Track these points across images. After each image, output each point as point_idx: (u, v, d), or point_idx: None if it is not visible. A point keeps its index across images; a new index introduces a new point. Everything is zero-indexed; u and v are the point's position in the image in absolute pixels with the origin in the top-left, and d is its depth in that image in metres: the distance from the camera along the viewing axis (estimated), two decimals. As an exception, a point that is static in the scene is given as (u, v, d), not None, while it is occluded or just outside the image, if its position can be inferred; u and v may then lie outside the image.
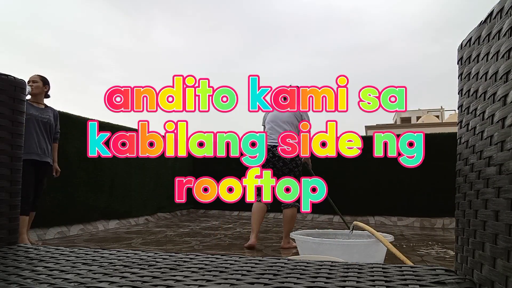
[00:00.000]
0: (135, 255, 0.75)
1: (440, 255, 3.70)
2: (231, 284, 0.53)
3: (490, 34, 0.59)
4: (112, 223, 5.70)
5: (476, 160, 0.62)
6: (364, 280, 0.56)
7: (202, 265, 0.66)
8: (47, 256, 0.75)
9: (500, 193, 0.51)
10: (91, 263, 0.67)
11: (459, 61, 0.76)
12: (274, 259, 0.71)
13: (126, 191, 6.15)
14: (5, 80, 0.92)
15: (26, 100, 1.02)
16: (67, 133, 4.86)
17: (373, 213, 6.95)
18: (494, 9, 0.58)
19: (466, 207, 0.66)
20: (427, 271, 0.62)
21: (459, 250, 0.69)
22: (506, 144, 0.50)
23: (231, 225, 6.15)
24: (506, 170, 0.49)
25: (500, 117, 0.52)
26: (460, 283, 0.56)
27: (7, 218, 0.89)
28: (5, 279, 0.57)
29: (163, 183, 7.22)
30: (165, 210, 7.36)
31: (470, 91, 0.68)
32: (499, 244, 0.50)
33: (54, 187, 4.65)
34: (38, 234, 4.39)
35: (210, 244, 4.23)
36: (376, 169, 7.04)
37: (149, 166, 6.80)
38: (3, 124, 0.90)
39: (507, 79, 0.52)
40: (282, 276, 0.58)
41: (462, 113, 0.71)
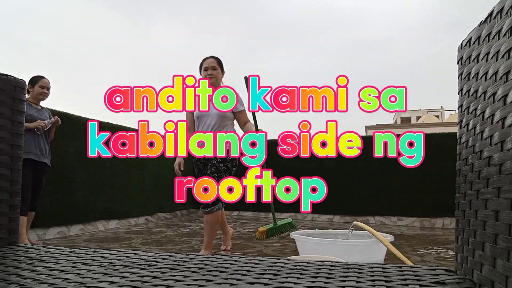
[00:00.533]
0: (135, 255, 0.75)
1: (440, 255, 3.70)
2: (231, 284, 0.53)
3: (490, 34, 0.59)
4: (112, 223, 5.70)
5: (476, 160, 0.62)
6: (364, 280, 0.56)
7: (202, 265, 0.66)
8: (47, 256, 0.75)
9: (500, 193, 0.51)
10: (91, 263, 0.67)
11: (459, 61, 0.76)
12: (274, 259, 0.71)
13: (126, 191, 6.15)
14: (5, 80, 0.92)
15: (25, 100, 1.02)
16: (67, 133, 4.86)
17: (373, 213, 6.95)
18: (494, 9, 0.58)
19: (466, 207, 0.66)
20: (427, 271, 0.62)
21: (459, 250, 0.69)
22: (506, 144, 0.50)
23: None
24: (506, 170, 0.49)
25: (500, 117, 0.52)
26: (460, 283, 0.56)
27: (7, 218, 0.89)
28: (5, 279, 0.57)
29: (163, 183, 7.22)
30: (165, 210, 7.36)
31: (470, 91, 0.68)
32: (499, 244, 0.50)
33: (54, 187, 4.64)
34: (38, 234, 4.39)
35: (210, 244, 4.22)
36: (376, 169, 7.04)
37: (149, 166, 6.79)
38: (3, 124, 0.90)
39: (507, 79, 0.52)
40: (282, 276, 0.58)
41: (462, 113, 0.71)
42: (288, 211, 7.73)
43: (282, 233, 3.72)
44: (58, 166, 4.67)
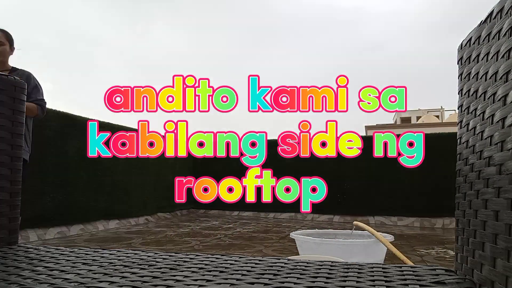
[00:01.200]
0: (135, 255, 0.75)
1: (440, 255, 3.70)
2: (231, 284, 0.53)
3: (490, 34, 0.59)
4: (112, 223, 5.70)
5: (476, 160, 0.62)
6: (364, 280, 0.56)
7: (202, 265, 0.66)
8: (47, 256, 0.75)
9: (500, 193, 0.51)
10: (91, 263, 0.67)
11: (459, 61, 0.76)
12: (274, 259, 0.71)
13: (126, 191, 6.15)
14: (5, 80, 0.92)
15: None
16: (67, 133, 4.86)
17: (373, 213, 6.95)
18: (494, 9, 0.58)
19: (466, 207, 0.66)
20: (427, 271, 0.62)
21: (459, 250, 0.69)
22: (506, 144, 0.50)
23: (231, 225, 6.15)
24: (506, 170, 0.49)
25: (500, 117, 0.52)
26: (460, 283, 0.56)
27: (7, 218, 0.89)
28: (5, 279, 0.57)
29: (163, 183, 7.22)
30: (165, 210, 7.36)
31: (470, 91, 0.68)
32: (499, 244, 0.50)
33: (54, 187, 4.65)
34: (38, 234, 4.39)
35: (210, 244, 4.23)
36: (376, 169, 7.04)
37: (149, 166, 6.80)
38: (3, 124, 0.90)
39: (507, 79, 0.52)
40: (282, 276, 0.58)
41: (462, 113, 0.71)
42: (288, 211, 7.74)
43: None
44: (58, 166, 4.67)
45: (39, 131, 3.79)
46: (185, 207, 8.18)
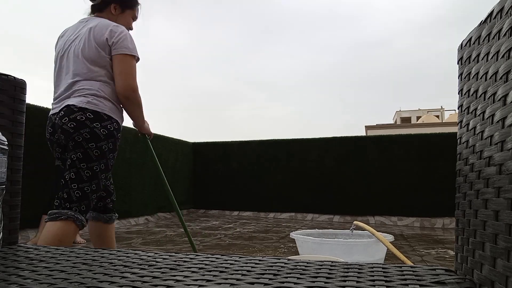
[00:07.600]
0: (135, 255, 0.75)
1: (440, 255, 3.70)
2: (231, 284, 0.53)
3: (490, 34, 0.59)
4: (112, 223, 5.70)
5: (476, 160, 0.62)
6: (364, 280, 0.56)
7: (202, 265, 0.66)
8: (47, 256, 0.75)
9: (500, 193, 0.51)
10: (91, 263, 0.67)
11: (459, 61, 0.76)
12: (274, 259, 0.71)
13: (126, 191, 6.15)
14: (5, 80, 0.92)
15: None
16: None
17: (373, 213, 6.95)
18: (494, 9, 0.58)
19: (466, 207, 0.66)
20: (427, 271, 0.62)
21: (459, 250, 0.69)
22: (506, 144, 0.50)
23: (231, 225, 6.15)
24: (506, 170, 0.49)
25: (500, 117, 0.52)
26: (460, 283, 0.56)
27: (7, 218, 0.89)
28: (5, 279, 0.57)
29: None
30: (165, 210, 7.36)
31: (470, 91, 0.68)
32: (499, 244, 0.50)
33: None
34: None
35: (210, 244, 4.23)
36: (376, 169, 7.04)
37: (149, 166, 6.80)
38: (3, 124, 0.90)
39: (507, 79, 0.52)
40: (282, 276, 0.58)
41: (462, 113, 0.71)
42: (288, 211, 7.74)
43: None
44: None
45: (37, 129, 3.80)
46: (185, 207, 8.18)
